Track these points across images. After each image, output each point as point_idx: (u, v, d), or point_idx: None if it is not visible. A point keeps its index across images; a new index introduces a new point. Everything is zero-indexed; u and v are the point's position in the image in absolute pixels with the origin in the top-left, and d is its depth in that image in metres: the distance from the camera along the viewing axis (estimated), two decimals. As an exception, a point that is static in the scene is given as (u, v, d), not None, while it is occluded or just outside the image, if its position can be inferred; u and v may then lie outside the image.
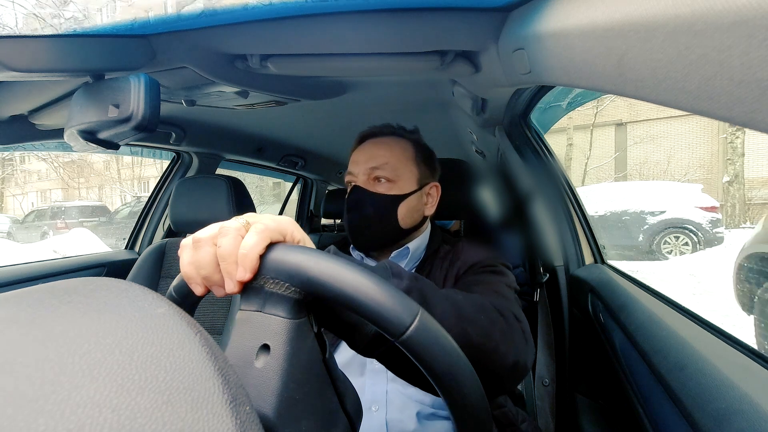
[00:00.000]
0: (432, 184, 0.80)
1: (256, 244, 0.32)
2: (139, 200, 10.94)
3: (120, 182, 15.44)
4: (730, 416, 0.39)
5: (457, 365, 0.31)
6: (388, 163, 0.74)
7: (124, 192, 15.07)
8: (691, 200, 5.22)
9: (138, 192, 14.66)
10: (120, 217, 10.31)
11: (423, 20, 0.58)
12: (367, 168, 0.75)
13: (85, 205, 10.79)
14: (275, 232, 0.34)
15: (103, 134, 0.66)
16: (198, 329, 0.23)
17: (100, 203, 12.36)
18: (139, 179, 15.64)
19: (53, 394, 0.15)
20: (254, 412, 0.21)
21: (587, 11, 0.32)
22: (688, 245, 5.16)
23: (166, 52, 0.68)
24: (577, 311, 1.00)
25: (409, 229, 0.76)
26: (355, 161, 0.78)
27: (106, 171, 15.34)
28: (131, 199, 13.70)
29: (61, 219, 9.74)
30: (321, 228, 2.79)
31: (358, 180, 0.76)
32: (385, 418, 0.63)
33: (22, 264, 1.32)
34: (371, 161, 0.75)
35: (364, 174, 0.75)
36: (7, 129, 0.96)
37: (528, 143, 1.10)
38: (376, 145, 0.78)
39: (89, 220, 10.03)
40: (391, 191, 0.74)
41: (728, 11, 0.19)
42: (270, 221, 0.35)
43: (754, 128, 0.20)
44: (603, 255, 1.08)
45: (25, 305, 0.21)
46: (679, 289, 3.44)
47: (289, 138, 1.85)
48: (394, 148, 0.77)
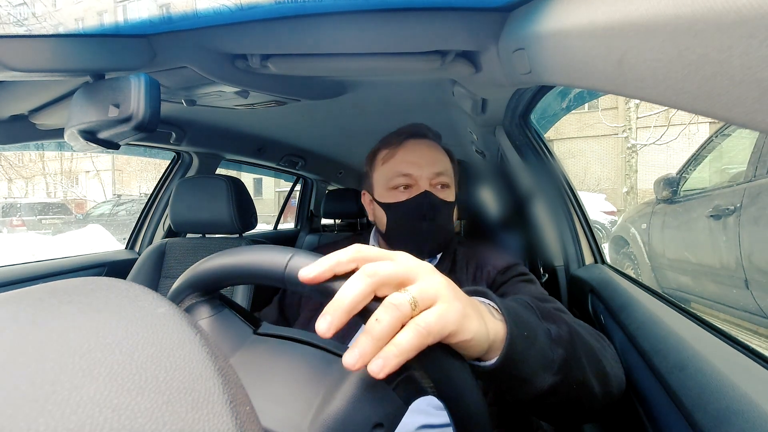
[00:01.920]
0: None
1: (412, 348, 0.27)
2: (119, 198, 10.50)
3: (44, 176, 14.65)
4: (730, 416, 0.39)
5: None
6: (447, 169, 0.74)
7: (57, 185, 14.24)
8: (599, 206, 6.82)
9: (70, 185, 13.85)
10: (95, 216, 9.46)
11: (423, 20, 0.58)
12: (432, 173, 0.72)
13: (44, 203, 10.18)
14: (443, 331, 0.29)
15: (104, 134, 0.66)
16: (198, 329, 0.23)
17: (60, 201, 11.74)
18: (69, 173, 14.91)
19: (53, 394, 0.15)
20: (254, 412, 0.21)
21: (587, 11, 0.32)
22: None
23: (166, 52, 0.68)
24: (577, 311, 1.00)
25: None
26: (411, 162, 0.72)
27: (28, 163, 14.26)
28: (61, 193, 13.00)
29: (17, 216, 9.05)
30: (321, 228, 2.79)
31: (420, 183, 0.72)
32: None
33: (22, 264, 1.32)
34: (435, 166, 0.72)
35: (428, 178, 0.72)
36: (7, 129, 0.96)
37: (528, 143, 1.10)
38: (430, 148, 0.75)
39: (50, 218, 9.33)
40: (449, 197, 0.74)
41: (728, 11, 0.19)
42: (441, 316, 0.29)
43: (754, 128, 0.20)
44: (603, 255, 1.08)
45: (25, 305, 0.21)
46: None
47: (289, 138, 1.85)
48: (443, 152, 0.77)
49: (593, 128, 10.84)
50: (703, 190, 2.57)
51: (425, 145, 0.75)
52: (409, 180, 0.73)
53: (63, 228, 8.81)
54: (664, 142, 8.32)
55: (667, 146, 8.62)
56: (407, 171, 0.72)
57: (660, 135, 8.34)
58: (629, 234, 3.25)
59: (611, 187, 10.74)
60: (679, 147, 8.88)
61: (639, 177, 8.99)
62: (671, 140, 8.27)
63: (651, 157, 9.47)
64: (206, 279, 0.36)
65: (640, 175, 8.99)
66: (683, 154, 9.21)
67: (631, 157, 8.86)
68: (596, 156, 11.28)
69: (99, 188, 14.99)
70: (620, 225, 3.58)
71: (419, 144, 0.75)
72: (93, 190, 14.94)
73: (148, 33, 0.65)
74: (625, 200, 8.98)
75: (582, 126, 10.98)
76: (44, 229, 8.77)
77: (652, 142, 8.49)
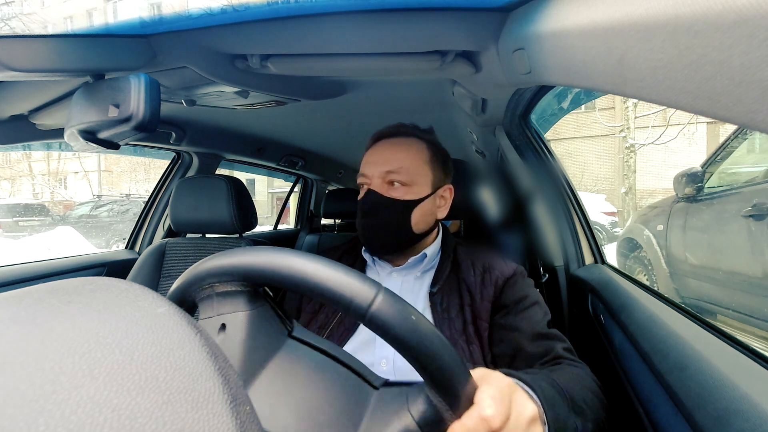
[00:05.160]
0: (446, 186, 0.79)
1: None
2: (100, 199, 9.71)
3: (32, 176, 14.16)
4: (730, 416, 0.39)
5: (426, 336, 0.31)
6: (404, 167, 0.72)
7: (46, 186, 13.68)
8: (598, 207, 6.68)
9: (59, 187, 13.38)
10: (75, 217, 8.89)
11: (423, 20, 0.58)
12: (382, 171, 0.73)
13: (24, 204, 9.63)
14: None
15: (104, 134, 0.66)
16: (198, 329, 0.23)
17: (38, 201, 11.29)
18: (55, 174, 14.40)
19: (53, 394, 0.15)
20: (254, 411, 0.21)
21: (587, 11, 0.32)
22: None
23: (166, 52, 0.68)
24: (577, 311, 1.00)
25: (423, 233, 0.76)
26: (369, 162, 0.75)
27: (14, 164, 13.64)
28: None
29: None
30: (321, 228, 2.79)
31: (372, 183, 0.74)
32: (393, 369, 0.66)
33: (22, 264, 1.32)
34: (386, 164, 0.73)
35: (379, 177, 0.73)
36: (7, 129, 0.96)
37: (528, 143, 1.10)
38: (391, 146, 0.75)
39: (28, 220, 8.85)
40: (406, 196, 0.72)
41: (728, 11, 0.19)
42: None
43: (754, 128, 0.20)
44: (603, 255, 1.08)
45: (25, 305, 0.21)
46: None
47: (289, 138, 1.85)
48: (409, 150, 0.75)
49: (590, 128, 10.80)
50: (730, 186, 2.22)
51: (389, 144, 0.76)
52: (365, 180, 0.75)
53: (41, 230, 8.28)
54: (663, 141, 8.30)
55: (666, 146, 8.62)
56: (364, 171, 0.75)
57: (659, 135, 8.32)
58: (642, 236, 2.88)
59: (609, 187, 10.65)
60: (678, 147, 8.93)
61: (637, 178, 8.97)
62: (670, 140, 8.25)
63: (649, 157, 9.50)
64: (272, 275, 0.32)
65: (638, 176, 8.98)
66: (682, 155, 9.31)
67: (630, 157, 8.82)
68: (594, 156, 11.16)
69: (88, 189, 14.50)
70: (631, 226, 3.26)
71: (384, 144, 0.76)
72: (82, 191, 14.49)
73: (148, 33, 0.65)
74: (624, 201, 8.95)
75: (579, 126, 10.93)
76: (21, 231, 8.28)
77: (651, 141, 8.46)
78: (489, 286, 0.72)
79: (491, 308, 0.71)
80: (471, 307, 0.71)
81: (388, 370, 0.68)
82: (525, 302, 0.71)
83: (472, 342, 0.68)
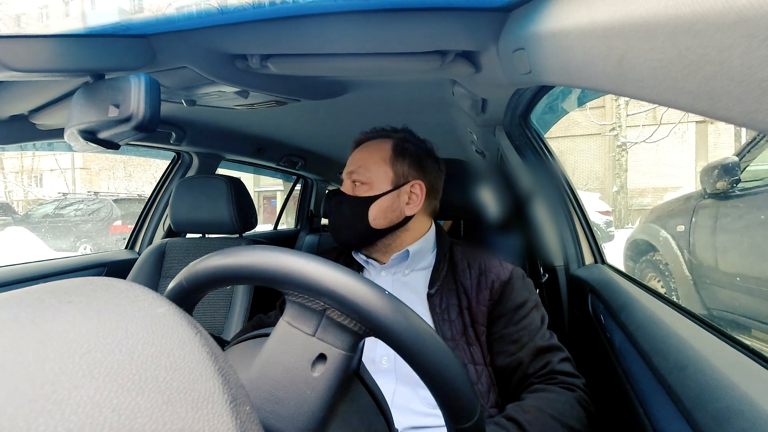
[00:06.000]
0: (413, 182, 0.78)
1: None
2: (65, 197, 8.67)
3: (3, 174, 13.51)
4: (730, 416, 0.39)
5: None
6: (362, 166, 0.78)
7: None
8: (593, 206, 6.52)
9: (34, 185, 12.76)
10: (38, 217, 8.13)
11: (423, 20, 0.58)
12: (348, 173, 0.79)
13: None
14: None
15: (104, 134, 0.66)
16: (198, 329, 0.23)
17: (3, 200, 10.77)
18: (30, 171, 13.79)
19: (53, 394, 0.15)
20: (254, 412, 0.21)
21: (587, 11, 0.32)
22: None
23: (166, 52, 0.68)
24: (577, 311, 1.00)
25: (385, 229, 0.76)
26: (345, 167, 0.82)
27: None
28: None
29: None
30: (321, 228, 2.79)
31: (344, 185, 0.81)
32: (394, 368, 0.68)
33: (22, 264, 1.33)
34: (350, 166, 0.79)
35: (347, 179, 0.80)
36: (7, 129, 0.96)
37: (528, 143, 1.10)
38: (359, 150, 0.82)
39: None
40: (366, 193, 0.76)
41: (728, 11, 0.19)
42: None
43: (754, 128, 0.20)
44: (603, 255, 1.08)
45: (25, 305, 0.21)
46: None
47: (289, 138, 1.85)
48: (371, 150, 0.80)
49: (580, 127, 10.68)
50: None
51: (359, 149, 0.82)
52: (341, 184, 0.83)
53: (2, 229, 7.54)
54: (655, 140, 8.27)
55: (657, 145, 8.59)
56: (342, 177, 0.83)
57: (651, 133, 8.29)
58: (658, 238, 2.54)
59: (600, 186, 10.56)
60: (670, 145, 8.90)
61: (629, 176, 8.98)
62: (662, 138, 8.23)
63: (640, 155, 9.41)
64: (386, 333, 0.32)
65: (629, 175, 8.97)
66: (674, 152, 9.24)
67: (621, 155, 8.81)
68: (584, 155, 11.13)
69: (64, 187, 13.80)
70: (643, 226, 2.91)
71: (356, 149, 0.83)
72: (58, 190, 14.00)
73: (148, 33, 0.65)
74: (615, 200, 8.96)
75: (569, 124, 10.79)
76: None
77: (643, 140, 8.43)
78: (485, 290, 0.72)
79: (488, 313, 0.71)
80: (468, 310, 0.71)
81: (389, 368, 0.68)
82: (523, 310, 0.71)
83: (473, 344, 0.69)
